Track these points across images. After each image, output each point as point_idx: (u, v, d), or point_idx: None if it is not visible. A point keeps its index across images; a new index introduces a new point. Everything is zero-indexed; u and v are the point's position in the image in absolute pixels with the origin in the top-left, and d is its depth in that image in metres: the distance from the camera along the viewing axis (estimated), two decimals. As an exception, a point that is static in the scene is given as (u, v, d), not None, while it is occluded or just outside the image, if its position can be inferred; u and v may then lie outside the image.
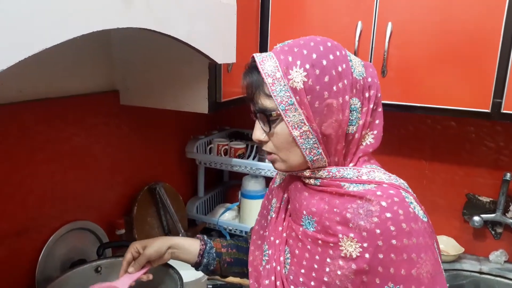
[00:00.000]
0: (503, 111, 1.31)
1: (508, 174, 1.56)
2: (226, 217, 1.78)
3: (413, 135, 1.75)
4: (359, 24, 1.41)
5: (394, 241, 0.70)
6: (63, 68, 1.22)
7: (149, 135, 1.58)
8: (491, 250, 1.69)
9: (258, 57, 0.78)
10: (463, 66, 1.34)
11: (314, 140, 0.75)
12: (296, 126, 0.74)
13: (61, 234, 1.22)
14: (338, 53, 0.77)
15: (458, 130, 1.67)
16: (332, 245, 0.75)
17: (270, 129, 0.78)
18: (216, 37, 1.11)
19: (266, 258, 0.87)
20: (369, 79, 0.80)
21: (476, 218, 1.63)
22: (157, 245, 1.00)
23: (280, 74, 0.74)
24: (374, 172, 0.78)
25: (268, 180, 1.72)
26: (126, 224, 1.42)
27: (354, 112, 0.77)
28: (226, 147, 1.77)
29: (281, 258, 0.84)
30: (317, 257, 0.77)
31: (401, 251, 0.70)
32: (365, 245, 0.71)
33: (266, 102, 0.76)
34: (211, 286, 1.39)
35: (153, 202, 1.55)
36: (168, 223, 1.59)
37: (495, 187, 1.64)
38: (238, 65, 1.30)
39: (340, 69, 0.75)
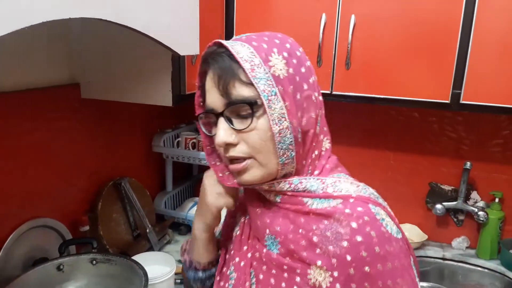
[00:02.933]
0: (462, 101, 1.35)
1: (468, 163, 1.61)
2: (195, 211, 1.76)
3: (378, 126, 1.78)
4: (323, 16, 1.41)
5: (367, 268, 0.62)
6: (20, 61, 1.17)
7: (114, 129, 1.55)
8: (453, 236, 1.75)
9: (226, 42, 0.67)
10: (425, 58, 1.37)
11: (291, 139, 0.66)
12: (276, 120, 0.65)
13: (22, 232, 1.18)
14: (300, 49, 0.73)
15: (421, 121, 1.72)
16: (299, 271, 0.67)
17: (250, 124, 0.65)
18: (178, 28, 1.09)
19: (232, 282, 0.77)
20: (319, 86, 0.74)
21: (438, 206, 1.68)
22: None
23: (258, 60, 0.65)
24: (341, 183, 0.70)
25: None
26: (91, 220, 1.39)
27: (320, 111, 0.72)
28: (194, 140, 1.75)
29: (247, 284, 0.74)
30: (283, 284, 0.69)
31: (375, 278, 0.62)
32: (335, 274, 0.64)
33: (244, 91, 0.65)
34: (179, 281, 1.38)
35: (118, 197, 1.53)
36: (135, 218, 1.56)
37: (456, 175, 1.69)
38: (202, 57, 1.28)
39: (308, 63, 0.71)
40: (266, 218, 0.72)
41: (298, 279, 0.67)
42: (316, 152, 0.72)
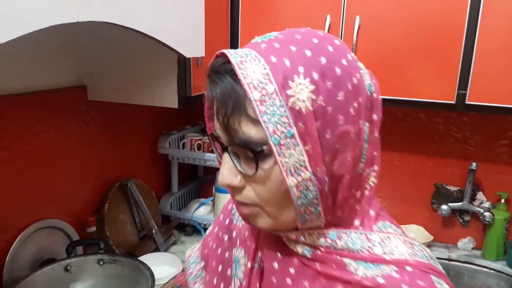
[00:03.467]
0: (467, 102, 1.35)
1: (474, 164, 1.60)
2: (200, 212, 1.78)
3: (383, 127, 1.77)
4: (328, 17, 1.42)
5: None
6: (28, 64, 1.19)
7: (120, 130, 1.56)
8: (459, 237, 1.74)
9: (235, 56, 0.49)
10: (430, 59, 1.37)
11: (315, 193, 0.49)
12: (293, 171, 0.47)
13: (29, 233, 1.19)
14: (349, 56, 0.52)
15: (427, 122, 1.71)
16: None
17: (255, 172, 0.50)
18: (183, 30, 1.10)
19: None
20: (375, 95, 0.56)
21: (444, 206, 1.67)
22: None
23: (273, 87, 0.46)
24: (390, 241, 0.53)
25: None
26: (97, 221, 1.41)
27: (365, 142, 0.55)
28: (200, 141, 1.76)
29: None
30: None
31: None
32: None
33: (250, 131, 0.48)
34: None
35: (125, 198, 1.54)
36: (141, 219, 1.57)
37: (462, 176, 1.69)
38: (207, 59, 1.29)
39: (355, 80, 0.51)
40: (286, 277, 0.55)
41: None
42: (358, 195, 0.55)
